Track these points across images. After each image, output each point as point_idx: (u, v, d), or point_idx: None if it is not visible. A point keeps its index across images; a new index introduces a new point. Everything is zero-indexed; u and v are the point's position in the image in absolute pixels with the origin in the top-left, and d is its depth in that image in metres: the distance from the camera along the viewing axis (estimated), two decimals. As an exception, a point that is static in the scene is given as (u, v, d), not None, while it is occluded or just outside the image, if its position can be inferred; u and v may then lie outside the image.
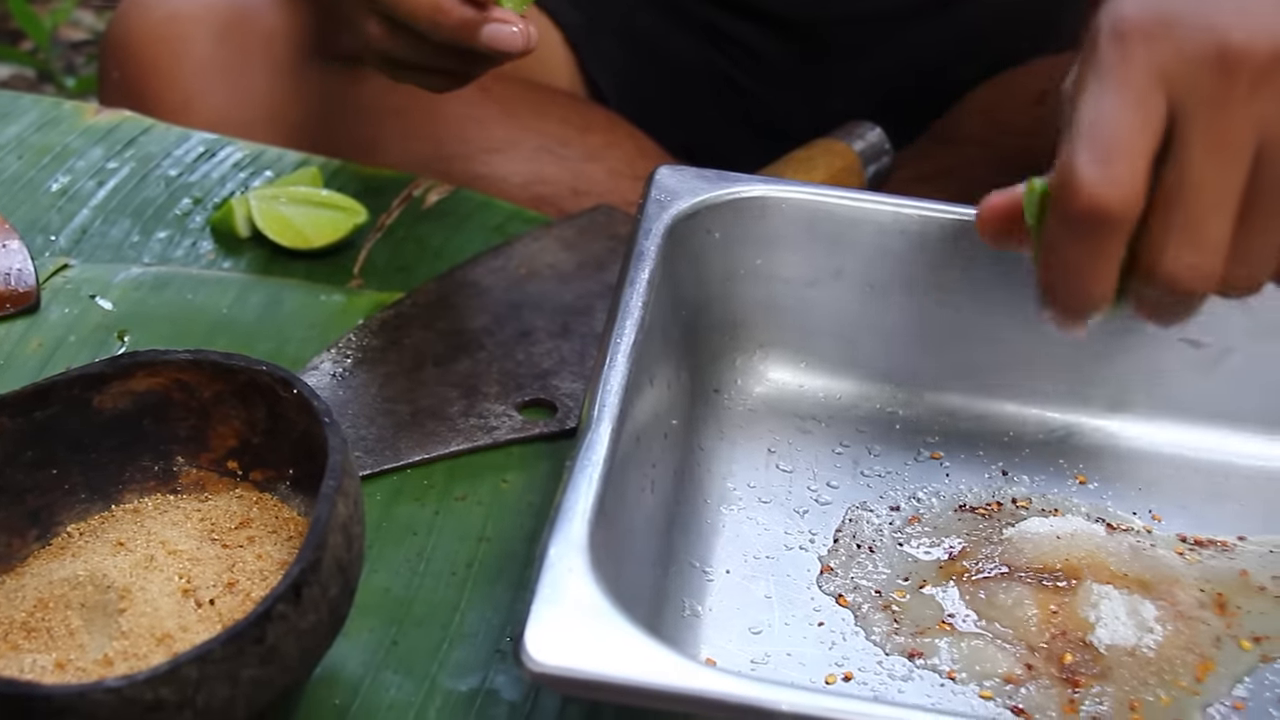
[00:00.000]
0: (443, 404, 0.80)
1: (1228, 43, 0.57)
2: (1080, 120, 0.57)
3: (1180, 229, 0.58)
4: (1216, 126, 0.57)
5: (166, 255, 0.92)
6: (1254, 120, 0.57)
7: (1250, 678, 0.67)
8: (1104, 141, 0.57)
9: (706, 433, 0.77)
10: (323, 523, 0.58)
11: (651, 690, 0.55)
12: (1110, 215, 0.57)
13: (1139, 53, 0.57)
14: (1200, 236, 0.58)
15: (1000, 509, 0.75)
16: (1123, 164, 0.56)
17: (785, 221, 0.78)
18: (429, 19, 0.74)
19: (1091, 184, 0.56)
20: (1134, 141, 0.57)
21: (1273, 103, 0.57)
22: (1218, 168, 0.57)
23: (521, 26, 0.75)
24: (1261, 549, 0.73)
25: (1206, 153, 0.57)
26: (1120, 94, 0.57)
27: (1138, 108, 0.57)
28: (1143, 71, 0.57)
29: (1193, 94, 0.57)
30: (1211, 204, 0.57)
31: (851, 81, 1.11)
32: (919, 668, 0.67)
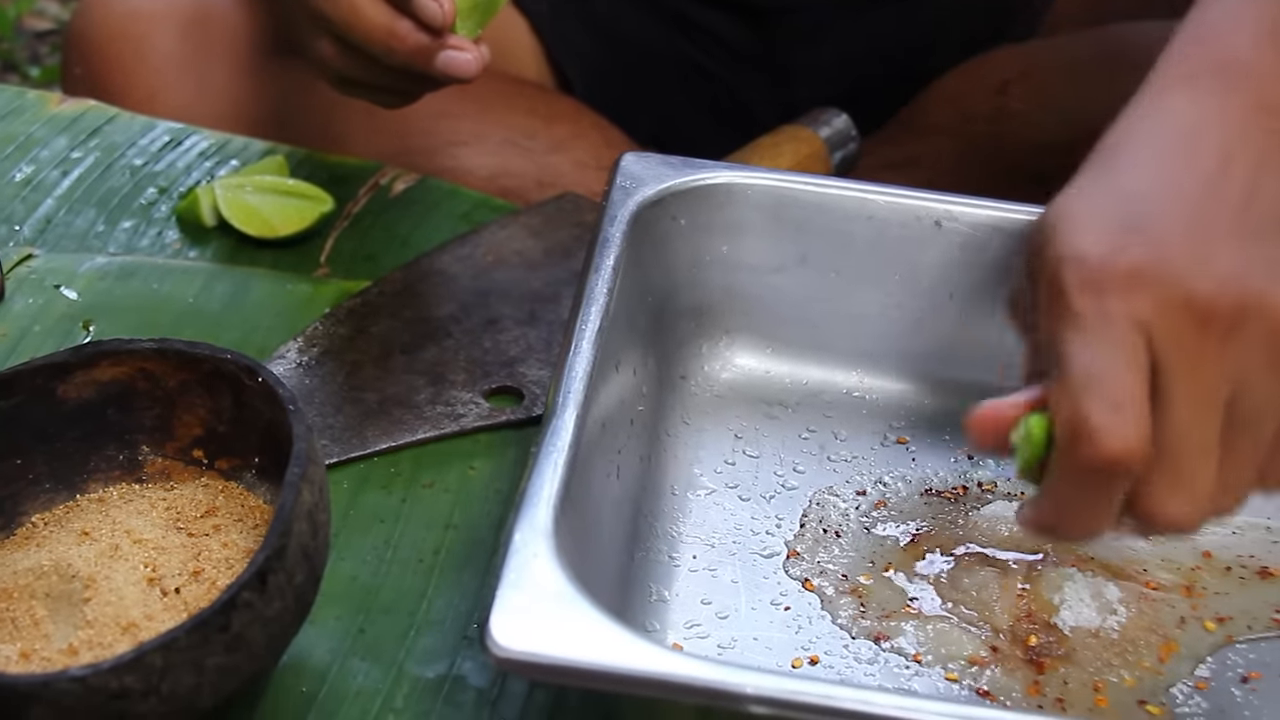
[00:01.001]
0: (410, 392, 0.80)
1: (1196, 295, 0.57)
2: (1075, 372, 0.58)
3: (1172, 479, 0.59)
4: (1196, 378, 0.58)
5: (132, 245, 0.91)
6: (1228, 367, 0.58)
7: (1213, 658, 0.68)
8: (1109, 395, 0.57)
9: (673, 419, 0.77)
10: (287, 510, 0.59)
11: (617, 675, 0.55)
12: (1124, 465, 0.58)
13: (1116, 307, 0.58)
14: (1190, 485, 0.59)
15: (966, 493, 0.75)
16: (1131, 414, 0.57)
17: (751, 208, 0.78)
18: (383, 44, 0.74)
19: (1106, 436, 0.57)
20: (1136, 391, 0.57)
21: (1243, 347, 0.58)
22: (1201, 418, 0.58)
23: (475, 53, 0.75)
24: (1224, 530, 0.74)
25: (1190, 405, 0.58)
26: (1112, 347, 0.58)
27: (1130, 360, 0.57)
28: (1125, 326, 0.58)
29: (1171, 347, 0.58)
30: (1198, 453, 0.59)
31: (818, 68, 1.11)
32: (885, 651, 0.67)
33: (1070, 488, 0.60)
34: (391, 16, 0.74)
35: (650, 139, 1.11)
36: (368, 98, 0.81)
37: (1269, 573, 0.72)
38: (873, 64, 1.12)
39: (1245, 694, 0.66)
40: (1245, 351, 0.58)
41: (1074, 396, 0.58)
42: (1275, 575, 0.72)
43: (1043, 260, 0.60)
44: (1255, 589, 0.71)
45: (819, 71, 1.11)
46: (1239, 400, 0.59)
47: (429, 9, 0.73)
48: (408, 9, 0.74)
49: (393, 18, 0.74)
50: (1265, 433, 0.60)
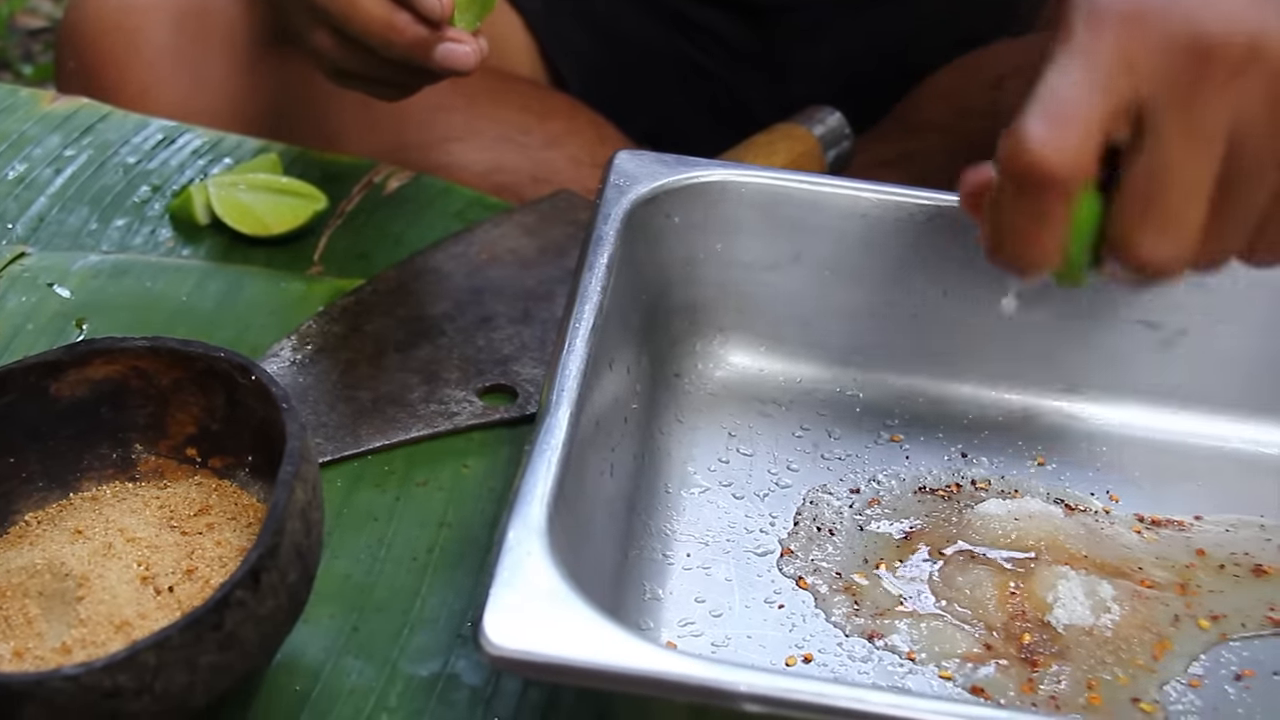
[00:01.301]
0: (404, 390, 0.80)
1: (1204, 34, 0.57)
2: (1040, 90, 0.58)
3: (1156, 217, 0.58)
4: (1190, 116, 0.57)
5: (125, 243, 0.91)
6: (1227, 110, 0.57)
7: (1206, 655, 0.68)
8: (1057, 108, 0.57)
9: (667, 417, 0.77)
10: (280, 508, 0.58)
11: (610, 673, 0.55)
12: (1053, 177, 0.58)
13: (1111, 36, 0.57)
14: (1176, 224, 0.58)
15: (960, 491, 0.75)
16: (1071, 130, 0.57)
17: (744, 206, 0.78)
18: (382, 37, 0.74)
19: (1038, 144, 0.57)
20: (1088, 113, 0.57)
21: (1245, 94, 0.57)
22: (1192, 157, 0.58)
23: (474, 46, 0.75)
24: (1218, 528, 0.74)
25: (1181, 142, 0.57)
26: (1085, 71, 0.57)
27: (1100, 86, 0.57)
28: (1112, 54, 0.57)
29: (1166, 84, 0.57)
30: (1187, 192, 0.58)
31: (815, 66, 1.11)
32: (879, 649, 0.67)
33: (1006, 198, 0.59)
34: (390, 9, 0.74)
35: (645, 136, 1.11)
36: (364, 90, 0.81)
37: (1263, 570, 0.72)
38: (869, 61, 1.12)
39: (1239, 692, 0.66)
40: (1249, 96, 0.57)
41: (1032, 106, 0.58)
42: (1269, 573, 0.72)
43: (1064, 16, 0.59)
44: (1249, 587, 0.71)
45: (816, 69, 1.11)
46: (1237, 148, 0.58)
47: (428, 2, 0.73)
48: (406, 1, 0.74)
49: (391, 10, 0.74)
50: (1261, 188, 0.59)
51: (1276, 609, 0.70)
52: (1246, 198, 0.59)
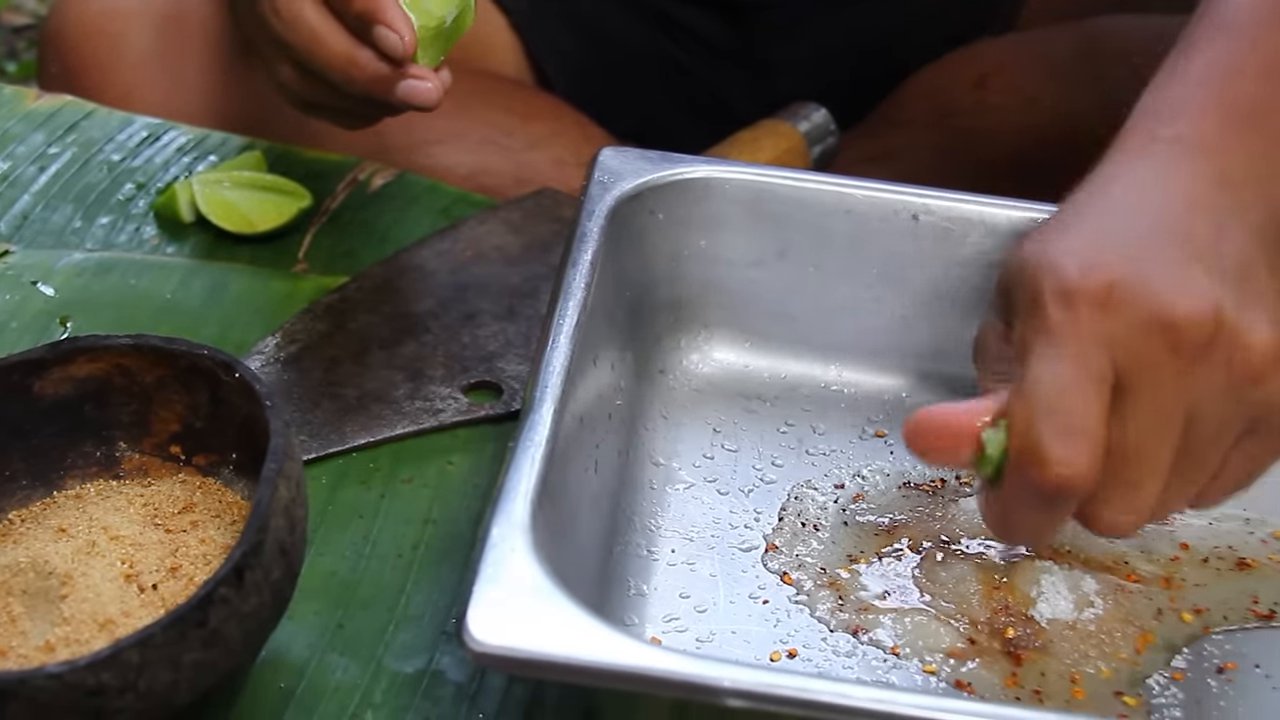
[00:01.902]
0: (388, 387, 0.80)
1: (1170, 318, 0.59)
2: (1036, 388, 0.59)
3: (1120, 491, 0.60)
4: (1158, 398, 0.59)
5: (109, 241, 0.91)
6: (1190, 392, 0.59)
7: (1189, 649, 0.68)
8: (1067, 418, 0.58)
9: (651, 413, 0.77)
10: (264, 506, 0.58)
11: (594, 669, 0.55)
12: (1075, 488, 0.59)
13: (1088, 321, 0.59)
14: (1136, 499, 0.60)
15: (944, 486, 0.75)
16: (1085, 441, 0.58)
17: (729, 202, 0.78)
18: (344, 73, 0.75)
19: (1059, 462, 0.58)
20: (1094, 416, 0.59)
21: (1208, 374, 0.59)
22: (1157, 437, 0.59)
23: (436, 82, 0.76)
24: (1201, 521, 0.74)
25: (1149, 424, 0.59)
26: (1075, 365, 0.59)
27: (1092, 380, 0.59)
28: (1093, 341, 0.59)
29: (1137, 364, 0.59)
30: (1149, 471, 0.60)
31: (797, 63, 1.11)
32: (863, 644, 0.68)
33: (1018, 502, 0.61)
34: (352, 46, 0.74)
35: (630, 135, 1.11)
36: (329, 119, 0.82)
37: (1246, 564, 0.72)
38: (851, 58, 1.12)
39: (1221, 684, 0.67)
40: (1209, 377, 0.59)
41: (1030, 414, 0.59)
42: (1252, 566, 0.72)
43: (1023, 280, 0.61)
44: (1232, 580, 0.71)
45: (798, 66, 1.11)
46: (1195, 425, 0.60)
47: (389, 40, 0.74)
48: (368, 38, 0.74)
49: (353, 47, 0.74)
50: (1212, 458, 0.61)
51: (1260, 602, 0.70)
52: (1200, 466, 0.61)
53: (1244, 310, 0.59)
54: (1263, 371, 0.59)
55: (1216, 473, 0.62)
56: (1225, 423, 0.60)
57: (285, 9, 0.75)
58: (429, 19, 0.76)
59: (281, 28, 0.75)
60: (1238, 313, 0.59)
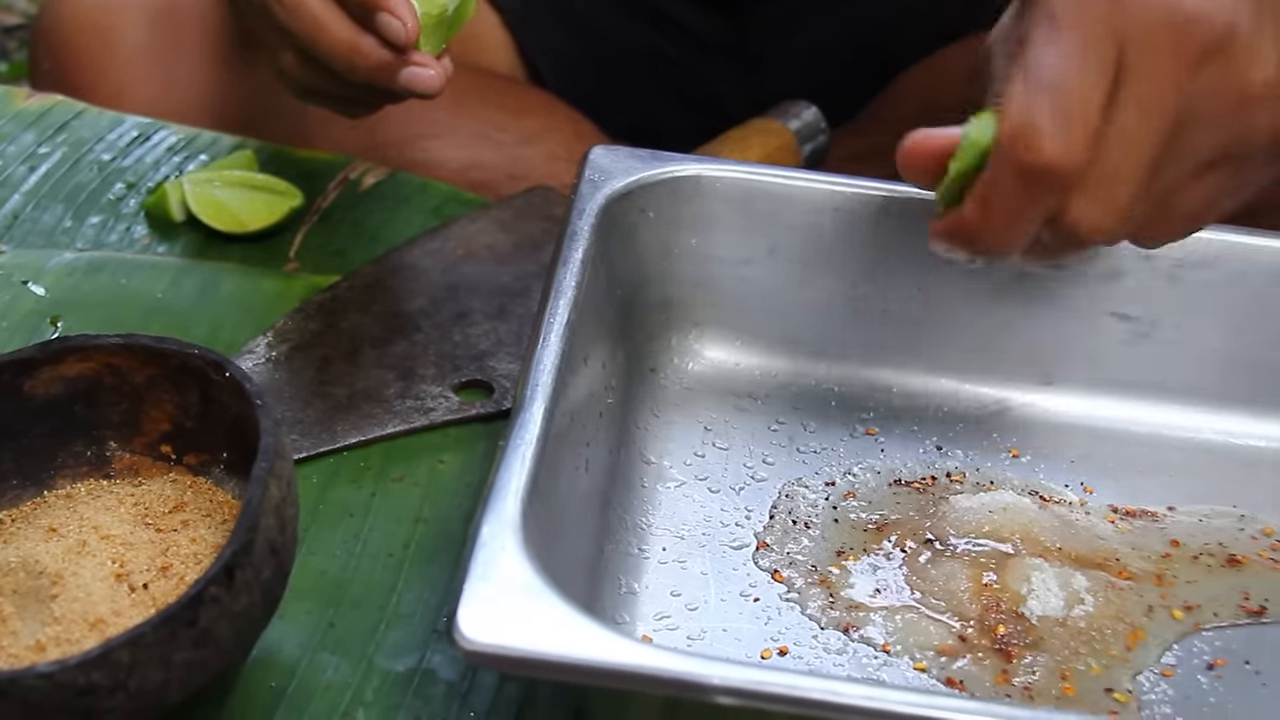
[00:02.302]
0: (379, 386, 0.80)
1: (1184, 13, 0.58)
2: (1036, 70, 0.58)
3: (1098, 180, 0.59)
4: (1154, 95, 0.58)
5: (100, 240, 0.91)
6: (1185, 95, 0.58)
7: (1179, 645, 0.68)
8: (1065, 100, 0.57)
9: (643, 411, 0.77)
10: (254, 505, 0.58)
11: (584, 667, 0.55)
12: (1064, 173, 0.58)
13: (1099, 8, 0.58)
14: (1113, 192, 0.59)
15: (934, 483, 0.76)
16: (1081, 122, 0.57)
17: (719, 200, 0.78)
18: (346, 60, 0.75)
19: (1052, 139, 0.57)
20: (1092, 101, 0.58)
21: (1209, 79, 0.58)
22: (1144, 130, 0.58)
23: (438, 69, 0.76)
24: (1191, 518, 0.74)
25: (1139, 119, 0.58)
26: (1080, 50, 0.58)
27: (1095, 65, 0.57)
28: (1102, 28, 0.58)
29: (1140, 57, 0.58)
30: (1131, 162, 0.59)
31: (790, 61, 1.11)
32: (854, 641, 0.68)
33: (1003, 187, 0.59)
34: (355, 33, 0.74)
35: (623, 132, 1.11)
36: (330, 106, 0.81)
37: (1236, 560, 0.72)
38: (844, 55, 1.12)
39: (1211, 681, 0.67)
40: (1205, 85, 0.58)
41: (1030, 94, 0.58)
42: (1243, 563, 0.72)
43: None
44: (1223, 577, 0.71)
45: (791, 63, 1.11)
46: (1182, 132, 0.59)
47: (393, 27, 0.74)
48: (371, 25, 0.74)
49: (356, 34, 0.74)
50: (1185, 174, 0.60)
51: (1250, 598, 0.70)
52: (1171, 177, 0.60)
53: (1256, 38, 0.58)
54: (1259, 98, 0.59)
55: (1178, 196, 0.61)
56: (1208, 143, 0.59)
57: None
58: (432, 6, 0.76)
59: (284, 15, 0.75)
60: (1249, 37, 0.58)
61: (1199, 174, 0.61)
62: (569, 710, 0.66)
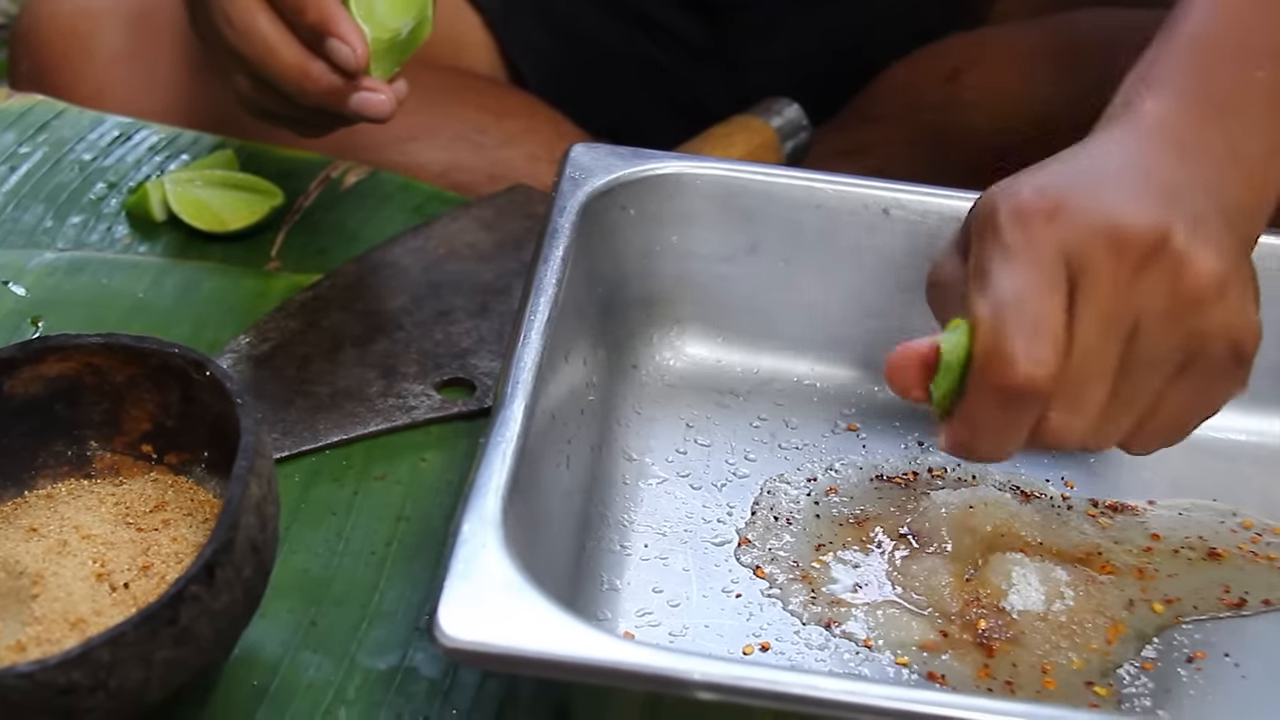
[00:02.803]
0: (361, 385, 0.80)
1: (1118, 224, 0.60)
2: (999, 294, 0.60)
3: (1067, 395, 0.61)
4: (1106, 302, 0.60)
5: (81, 240, 0.91)
6: (1135, 298, 0.61)
7: (1159, 638, 0.68)
8: (1030, 321, 0.60)
9: (624, 408, 0.78)
10: (235, 503, 0.58)
11: (564, 663, 0.55)
12: (1039, 389, 0.60)
13: (1042, 232, 0.61)
14: (1083, 403, 0.61)
15: (916, 479, 0.76)
16: (1048, 342, 0.60)
17: (700, 198, 0.79)
18: (296, 85, 0.75)
19: (1024, 362, 0.59)
20: (1055, 318, 0.60)
21: (1151, 281, 0.61)
22: (1104, 340, 0.61)
23: (389, 94, 0.76)
24: (1171, 512, 0.75)
25: (1097, 327, 0.61)
26: (1034, 272, 0.60)
27: (1051, 285, 0.60)
28: (1049, 249, 0.60)
29: (1087, 270, 0.60)
30: (1096, 373, 0.61)
31: (771, 61, 1.12)
32: (836, 636, 0.68)
33: (985, 408, 0.61)
34: (304, 58, 0.75)
35: (604, 132, 1.11)
36: (285, 127, 0.82)
37: (1217, 554, 0.72)
38: (825, 56, 1.12)
39: (1190, 674, 0.67)
40: (1153, 288, 0.61)
41: (996, 317, 0.60)
42: (1223, 556, 0.72)
43: (980, 210, 0.63)
44: (1203, 570, 0.72)
45: (772, 63, 1.12)
46: (1137, 338, 0.61)
47: (341, 53, 0.74)
48: (321, 50, 0.74)
49: (306, 59, 0.75)
50: (1157, 375, 0.62)
51: (1230, 591, 0.71)
52: (1143, 383, 0.62)
53: (1193, 237, 0.61)
54: (1203, 297, 0.61)
55: (1155, 405, 0.63)
56: (1166, 344, 0.61)
57: (239, 20, 0.75)
58: (383, 31, 0.76)
59: (235, 38, 0.75)
60: (1187, 237, 0.61)
61: (1171, 380, 0.62)
62: (551, 708, 0.66)
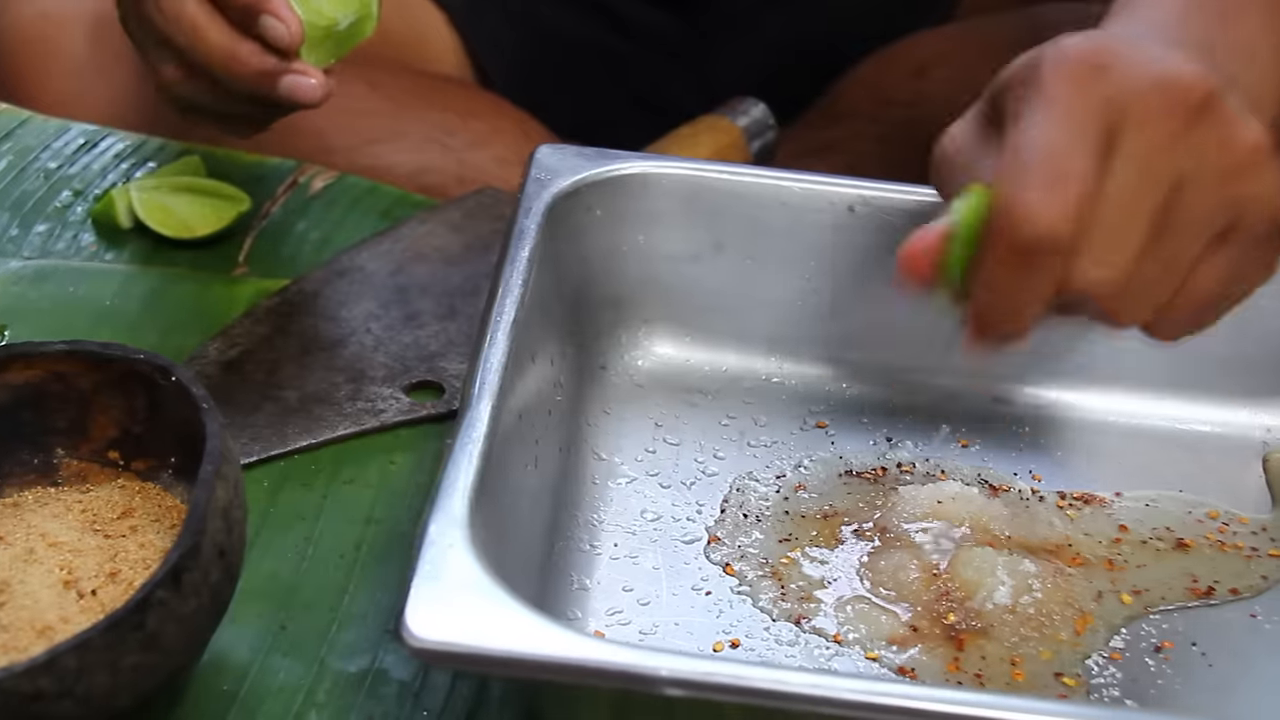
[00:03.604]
0: (330, 389, 0.80)
1: (1171, 75, 0.58)
2: (1026, 143, 0.58)
3: (1097, 247, 0.58)
4: (1149, 153, 0.58)
5: (47, 249, 0.90)
6: (1181, 153, 0.58)
7: (1127, 629, 0.69)
8: (1051, 168, 0.57)
9: (593, 409, 0.78)
10: (200, 508, 0.58)
11: (530, 661, 0.55)
12: (1061, 240, 0.57)
13: (1090, 85, 0.58)
14: (1116, 248, 0.59)
15: (885, 474, 0.76)
16: (1070, 188, 0.57)
17: (665, 197, 0.79)
18: (225, 66, 0.75)
19: (1045, 208, 0.57)
20: (1084, 165, 0.57)
21: (1201, 137, 0.59)
22: (1141, 193, 0.58)
23: (320, 80, 0.76)
24: (1138, 503, 0.75)
25: (1136, 178, 0.58)
26: (1066, 122, 0.57)
27: (1086, 133, 0.57)
28: (1094, 104, 0.58)
29: (1133, 119, 0.58)
30: (1131, 225, 0.58)
31: (741, 57, 1.12)
32: (806, 632, 0.68)
33: (1001, 270, 0.58)
34: (235, 38, 0.75)
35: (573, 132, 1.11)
36: (214, 125, 0.82)
37: (1184, 544, 0.73)
38: (795, 53, 1.13)
39: (1158, 663, 0.67)
40: (1199, 147, 0.59)
41: (1020, 167, 0.57)
42: (1190, 546, 0.73)
43: (1021, 65, 0.60)
44: (1171, 560, 0.72)
45: (741, 60, 1.12)
46: (1179, 196, 0.59)
47: (275, 30, 0.74)
48: (253, 32, 0.74)
49: (235, 40, 0.75)
50: (1188, 245, 0.60)
51: (1198, 580, 0.71)
52: (1179, 247, 0.60)
53: (1238, 105, 0.59)
54: (1247, 164, 0.59)
55: (1190, 275, 0.60)
56: (1206, 205, 0.59)
57: (168, 5, 0.75)
58: (319, 18, 0.76)
59: (164, 23, 0.75)
60: (1235, 103, 0.59)
61: (1210, 248, 0.60)
62: (521, 709, 0.66)
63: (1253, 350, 0.78)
